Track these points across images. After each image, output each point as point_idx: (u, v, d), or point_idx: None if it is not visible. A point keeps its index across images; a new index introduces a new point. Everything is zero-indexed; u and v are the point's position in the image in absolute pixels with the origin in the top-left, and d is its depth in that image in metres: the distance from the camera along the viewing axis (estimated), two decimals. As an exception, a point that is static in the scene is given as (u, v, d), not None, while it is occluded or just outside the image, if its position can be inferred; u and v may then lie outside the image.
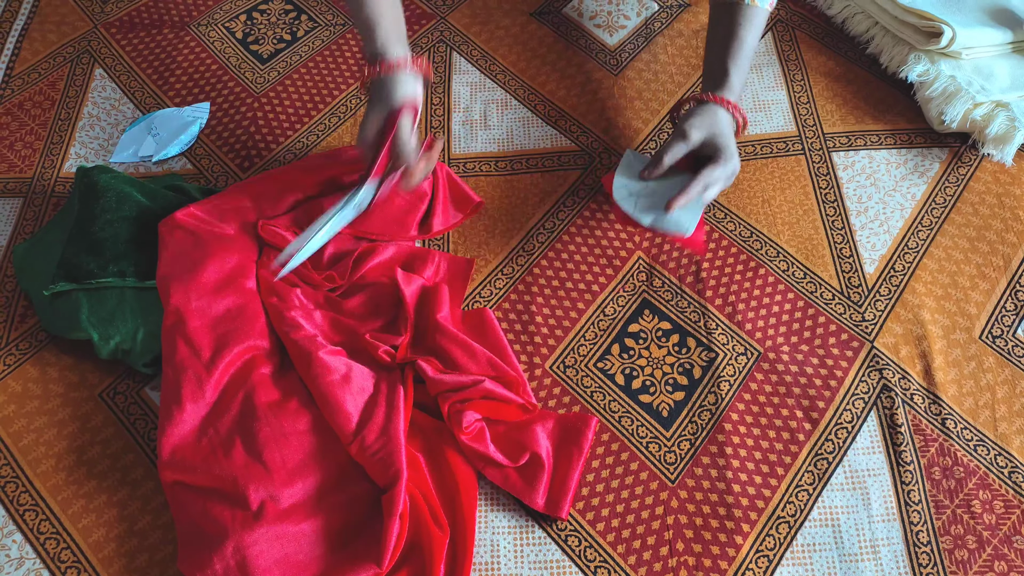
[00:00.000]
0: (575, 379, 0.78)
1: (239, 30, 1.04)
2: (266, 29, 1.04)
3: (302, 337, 0.74)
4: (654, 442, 0.75)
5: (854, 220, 0.88)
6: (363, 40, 0.77)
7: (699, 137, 0.76)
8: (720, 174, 0.75)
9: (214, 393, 0.72)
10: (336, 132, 0.95)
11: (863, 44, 1.00)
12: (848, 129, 0.95)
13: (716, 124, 0.76)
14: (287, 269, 0.76)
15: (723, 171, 0.75)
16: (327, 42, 1.02)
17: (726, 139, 0.76)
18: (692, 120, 0.76)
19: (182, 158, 0.92)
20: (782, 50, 1.02)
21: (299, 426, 0.71)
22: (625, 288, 0.83)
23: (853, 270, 0.84)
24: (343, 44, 1.02)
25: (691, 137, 0.75)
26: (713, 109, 0.77)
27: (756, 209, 0.88)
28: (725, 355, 0.79)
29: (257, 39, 1.03)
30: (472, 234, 0.87)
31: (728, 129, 0.77)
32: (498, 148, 0.93)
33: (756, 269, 0.84)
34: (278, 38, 1.03)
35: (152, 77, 0.99)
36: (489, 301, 0.83)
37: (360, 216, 0.80)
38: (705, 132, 0.76)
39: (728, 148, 0.75)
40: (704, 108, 0.77)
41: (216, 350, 0.73)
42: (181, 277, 0.75)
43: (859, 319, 0.81)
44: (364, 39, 0.77)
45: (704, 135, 0.76)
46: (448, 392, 0.72)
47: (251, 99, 0.97)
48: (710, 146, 0.76)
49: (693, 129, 0.75)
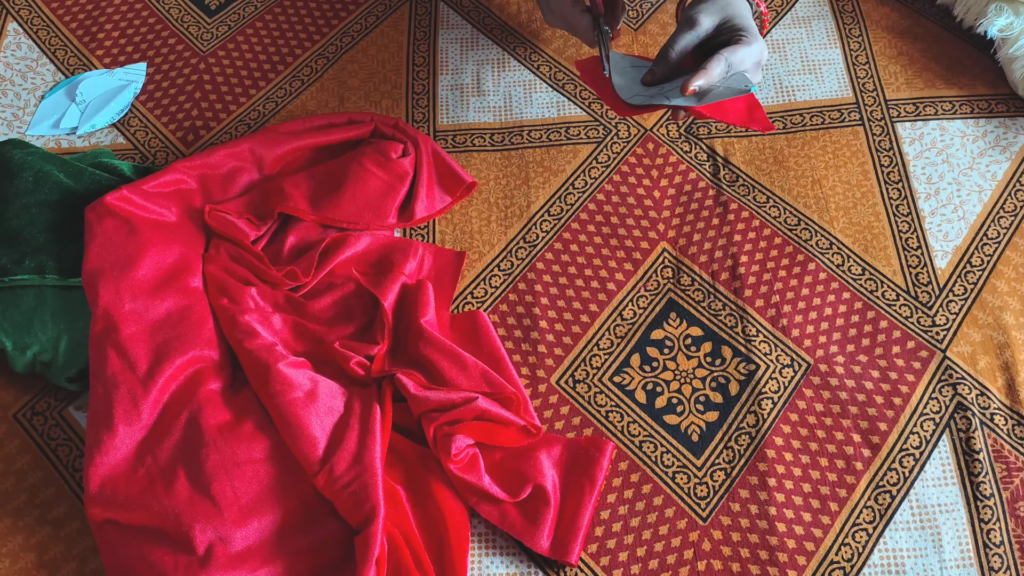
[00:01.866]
0: (587, 396, 0.78)
1: (181, -25, 1.04)
2: (214, -26, 1.04)
3: (258, 346, 0.74)
4: (682, 472, 0.75)
5: (922, 204, 0.88)
6: None
7: (710, 23, 0.73)
8: (744, 54, 0.72)
9: (152, 414, 0.71)
10: (299, 98, 0.94)
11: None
12: (915, 95, 0.95)
13: (731, 6, 0.73)
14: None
15: (747, 50, 0.72)
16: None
17: (745, 20, 0.73)
18: (700, 5, 0.73)
19: (113, 130, 0.92)
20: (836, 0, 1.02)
21: (254, 453, 0.71)
22: (647, 286, 0.83)
23: (921, 265, 0.84)
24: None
25: (700, 23, 0.73)
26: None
27: (805, 192, 0.89)
28: (768, 367, 0.79)
29: (203, -14, 1.03)
30: (463, 221, 0.87)
31: (747, 12, 0.74)
32: (494, 118, 0.93)
33: (805, 264, 0.84)
34: (228, -15, 1.03)
35: (77, 32, 0.99)
36: (483, 302, 0.83)
37: (333, 198, 0.81)
38: (718, 16, 0.73)
39: (750, 28, 0.73)
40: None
41: (155, 362, 0.72)
42: (112, 273, 0.75)
43: (929, 324, 0.81)
44: None
45: (717, 20, 0.73)
46: (434, 412, 0.72)
47: (196, 59, 0.97)
48: (726, 29, 0.73)
49: (702, 14, 0.73)
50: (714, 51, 0.72)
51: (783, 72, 0.96)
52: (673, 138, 0.91)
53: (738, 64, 0.71)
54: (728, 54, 0.71)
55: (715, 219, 0.87)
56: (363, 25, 1.00)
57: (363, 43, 0.98)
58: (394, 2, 1.01)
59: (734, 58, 0.71)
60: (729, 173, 0.89)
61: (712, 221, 0.87)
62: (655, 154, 0.91)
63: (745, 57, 0.72)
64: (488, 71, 0.96)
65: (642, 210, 0.87)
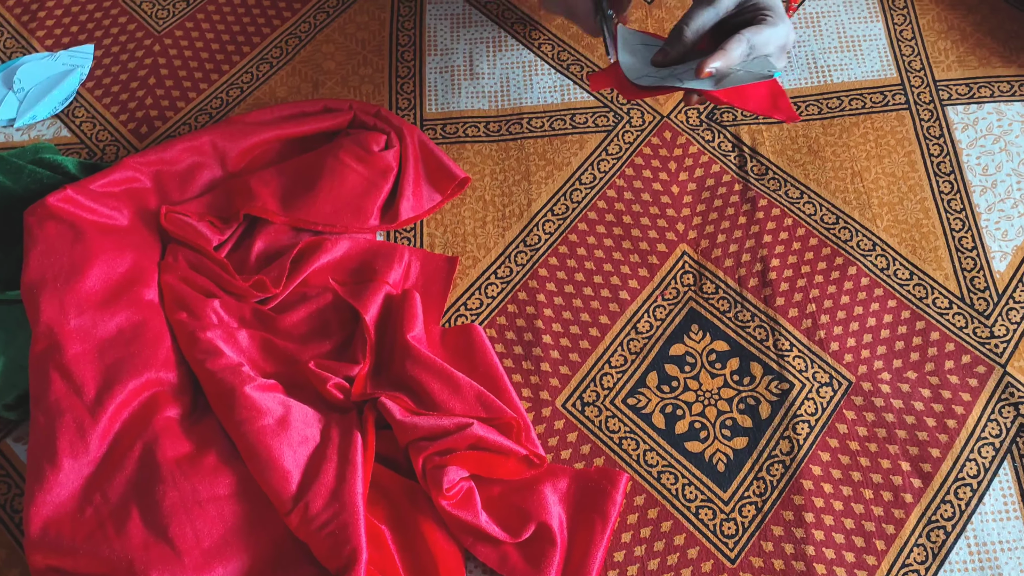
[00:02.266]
0: (597, 421, 0.78)
1: (133, -55, 1.04)
2: (170, -56, 1.04)
3: (222, 367, 0.73)
4: (707, 507, 0.75)
5: (978, 199, 0.88)
6: None
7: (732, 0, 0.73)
8: (768, 35, 0.72)
9: (102, 445, 0.71)
10: (267, 84, 0.95)
11: (988, -42, 1.01)
12: (968, 75, 0.95)
13: None
14: None
15: (771, 31, 0.72)
16: (254, -39, 1.03)
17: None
18: None
19: (55, 122, 0.92)
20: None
21: (218, 490, 0.70)
22: (665, 295, 0.83)
23: (977, 268, 0.84)
24: (276, -37, 1.02)
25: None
26: None
27: (844, 185, 0.88)
28: (803, 386, 0.79)
29: (158, -42, 1.03)
30: (454, 222, 0.87)
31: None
32: (489, 105, 0.94)
33: (844, 268, 0.84)
34: (187, -44, 1.03)
35: (15, 11, 0.99)
36: (479, 315, 0.83)
37: (308, 197, 0.82)
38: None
39: (776, 7, 0.73)
40: None
41: (104, 386, 0.72)
42: (55, 285, 0.75)
43: (986, 335, 0.81)
44: None
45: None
46: (423, 441, 0.72)
47: (150, 40, 0.97)
48: (749, 7, 0.73)
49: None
50: (734, 31, 0.72)
51: (818, 50, 0.96)
52: (693, 125, 0.91)
53: (761, 46, 0.71)
54: (750, 35, 0.71)
55: (742, 217, 0.87)
56: (340, 0, 1.00)
57: (340, 20, 0.98)
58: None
59: (757, 39, 0.71)
60: (757, 165, 0.89)
61: (738, 220, 0.87)
62: (673, 144, 0.91)
63: (769, 39, 0.72)
64: (482, 51, 0.97)
65: (659, 208, 0.87)
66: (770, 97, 0.74)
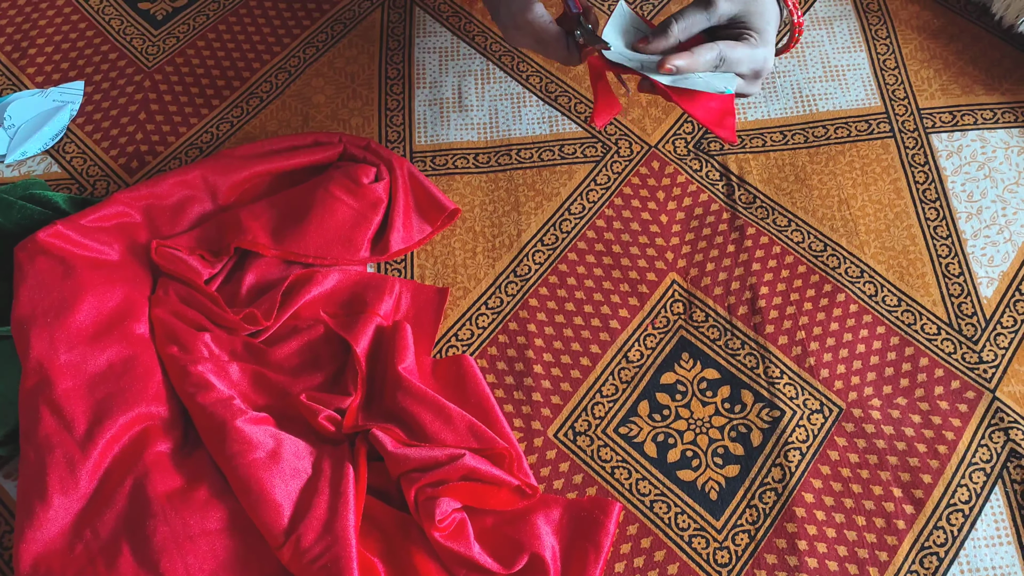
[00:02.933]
0: (589, 451, 0.78)
1: (123, -18, 1.05)
2: (160, -20, 1.05)
3: (213, 400, 0.73)
4: (700, 535, 0.75)
5: (963, 225, 0.88)
6: None
7: (728, 9, 0.73)
8: (743, 55, 0.72)
9: (92, 481, 0.71)
10: (257, 118, 0.95)
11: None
12: (952, 103, 0.96)
13: (757, 2, 0.74)
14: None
15: (748, 52, 0.72)
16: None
17: (764, 21, 0.74)
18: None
19: (46, 157, 0.93)
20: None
21: (209, 524, 0.70)
22: (655, 324, 0.84)
23: (965, 293, 0.85)
24: (265, 0, 1.03)
25: (718, 6, 0.73)
26: None
27: (831, 213, 0.89)
28: (794, 413, 0.79)
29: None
30: (445, 254, 0.87)
31: (771, 16, 0.75)
32: (478, 136, 0.94)
33: (833, 295, 0.85)
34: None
35: (5, 48, 0.99)
36: (470, 345, 0.83)
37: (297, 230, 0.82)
38: (740, 5, 0.73)
39: (764, 32, 0.74)
40: None
41: (95, 421, 0.72)
42: (45, 320, 0.75)
43: (975, 360, 0.82)
44: None
45: (736, 8, 0.73)
46: (415, 472, 0.72)
47: (141, 76, 0.98)
48: (740, 24, 0.74)
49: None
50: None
51: (803, 79, 0.97)
52: (681, 155, 0.92)
53: (733, 63, 0.72)
54: (725, 48, 0.72)
55: (730, 246, 0.87)
56: (329, 34, 1.00)
57: (329, 54, 0.99)
58: (364, 8, 1.02)
59: (731, 55, 0.72)
60: (745, 193, 0.90)
61: (727, 248, 0.87)
62: (661, 173, 0.91)
63: (743, 59, 0.72)
64: (471, 83, 0.97)
65: (648, 237, 0.88)
66: (719, 112, 0.74)
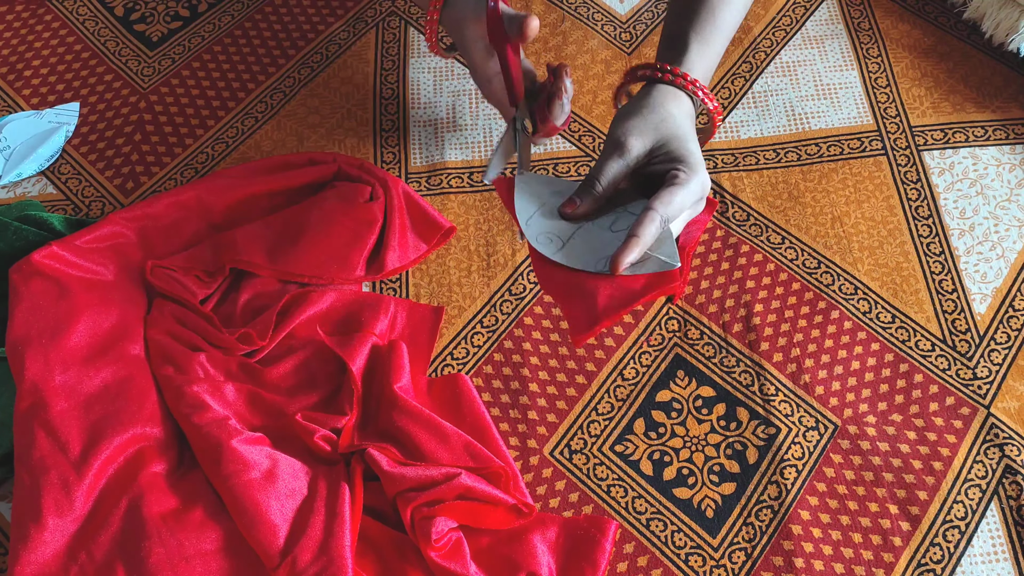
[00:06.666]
0: (585, 469, 0.78)
1: (118, 4, 1.05)
2: (156, 3, 1.05)
3: (208, 421, 0.73)
4: (696, 553, 0.74)
5: (956, 242, 0.89)
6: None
7: (641, 148, 0.69)
8: (681, 200, 0.67)
9: (87, 502, 0.71)
10: (252, 138, 0.95)
11: (958, 7, 1.03)
12: (943, 120, 0.96)
13: (666, 122, 0.70)
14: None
15: (684, 195, 0.67)
16: (238, 19, 1.04)
17: (683, 143, 0.69)
18: (630, 121, 0.70)
19: (41, 179, 0.93)
20: (851, 16, 1.04)
21: (205, 545, 0.70)
22: (650, 342, 0.84)
23: (958, 310, 0.85)
24: (259, 20, 1.03)
25: (630, 148, 0.69)
26: (662, 97, 0.71)
27: (824, 230, 0.89)
28: (789, 431, 0.79)
29: (144, 16, 1.04)
30: (440, 272, 0.87)
31: (687, 125, 0.71)
32: (473, 155, 0.94)
33: (827, 312, 0.85)
34: (172, 14, 1.04)
35: (1, 69, 1.00)
36: (465, 364, 0.83)
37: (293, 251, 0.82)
38: (651, 138, 0.69)
39: (689, 156, 0.68)
40: (649, 97, 0.71)
41: (89, 442, 0.72)
42: (40, 342, 0.75)
43: (969, 376, 0.82)
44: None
45: (650, 143, 0.69)
46: (411, 492, 0.72)
47: (136, 97, 0.98)
48: (661, 156, 0.69)
49: (632, 136, 0.69)
50: (648, 179, 0.70)
51: (795, 98, 0.98)
52: (674, 174, 0.92)
53: (675, 215, 0.67)
54: (662, 209, 0.66)
55: (724, 263, 0.87)
56: (324, 55, 1.01)
57: (324, 75, 1.00)
58: (358, 28, 1.02)
59: (669, 211, 0.66)
60: (739, 211, 0.90)
61: (721, 266, 0.87)
62: (655, 192, 0.91)
63: (683, 203, 0.67)
64: (465, 103, 0.98)
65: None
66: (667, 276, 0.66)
